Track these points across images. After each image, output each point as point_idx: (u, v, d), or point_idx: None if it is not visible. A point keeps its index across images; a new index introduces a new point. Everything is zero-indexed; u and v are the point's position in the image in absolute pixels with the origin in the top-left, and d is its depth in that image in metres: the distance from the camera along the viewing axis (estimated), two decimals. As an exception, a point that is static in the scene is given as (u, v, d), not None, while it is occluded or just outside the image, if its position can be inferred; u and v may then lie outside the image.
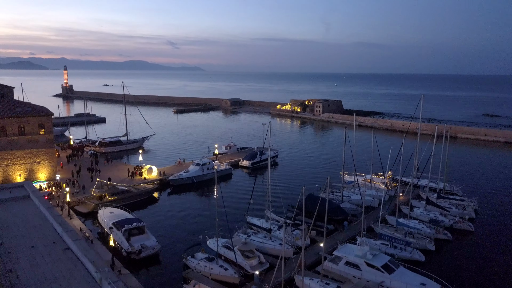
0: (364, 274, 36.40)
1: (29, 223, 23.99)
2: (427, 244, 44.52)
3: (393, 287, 34.71)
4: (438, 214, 53.35)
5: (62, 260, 19.76)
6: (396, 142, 62.40)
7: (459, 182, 67.76)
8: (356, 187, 62.35)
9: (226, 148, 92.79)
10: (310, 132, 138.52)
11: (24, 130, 61.81)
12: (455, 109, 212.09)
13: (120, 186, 60.55)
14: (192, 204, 60.95)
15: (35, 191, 30.01)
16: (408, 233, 46.36)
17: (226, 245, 41.24)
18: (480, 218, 54.81)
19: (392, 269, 36.19)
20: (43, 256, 19.98)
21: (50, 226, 23.93)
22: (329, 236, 46.75)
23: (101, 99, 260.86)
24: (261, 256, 40.95)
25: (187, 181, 69.30)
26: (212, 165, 72.54)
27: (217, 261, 39.09)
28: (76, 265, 19.33)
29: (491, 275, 39.70)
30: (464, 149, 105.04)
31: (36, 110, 64.62)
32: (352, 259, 37.57)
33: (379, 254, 38.03)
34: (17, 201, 28.64)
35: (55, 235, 22.65)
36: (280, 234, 45.66)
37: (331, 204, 52.20)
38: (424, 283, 34.64)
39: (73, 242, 20.77)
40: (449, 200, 57.82)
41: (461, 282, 37.42)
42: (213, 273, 37.78)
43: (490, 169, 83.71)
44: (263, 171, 74.99)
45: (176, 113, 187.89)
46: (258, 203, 56.67)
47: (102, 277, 17.22)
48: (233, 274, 37.22)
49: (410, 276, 35.78)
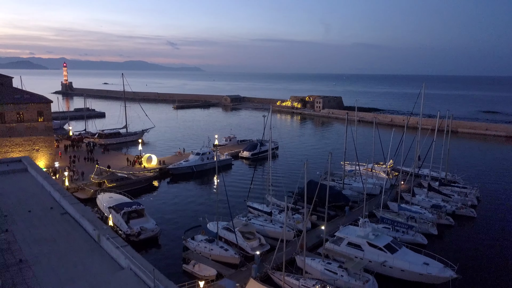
0: (366, 254, 35.93)
1: (26, 192, 23.51)
2: (429, 228, 44.07)
3: (395, 266, 34.26)
4: (440, 200, 52.87)
5: (60, 223, 19.27)
6: (397, 137, 62.15)
7: (461, 173, 67.30)
8: (358, 175, 61.96)
9: (226, 140, 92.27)
10: (311, 127, 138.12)
11: (23, 117, 61.31)
12: (456, 107, 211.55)
13: (120, 173, 60.06)
14: (192, 192, 60.49)
15: (33, 164, 29.54)
16: (410, 218, 45.91)
17: (227, 227, 40.80)
18: (482, 205, 54.37)
19: (394, 249, 35.73)
20: (40, 219, 19.51)
21: (48, 194, 23.45)
22: (330, 221, 46.27)
23: (100, 96, 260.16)
24: (262, 238, 40.51)
25: (187, 170, 68.79)
26: (212, 155, 72.04)
27: (217, 242, 38.60)
28: (74, 227, 18.84)
29: (494, 258, 39.25)
30: (465, 143, 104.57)
31: (35, 97, 64.17)
32: (354, 239, 37.11)
33: (381, 235, 37.59)
34: (15, 173, 28.15)
35: (52, 201, 22.17)
36: (281, 218, 45.19)
37: (332, 190, 51.76)
38: (427, 263, 34.21)
39: (71, 205, 20.28)
40: (451, 188, 57.38)
41: (464, 263, 36.94)
42: (213, 253, 37.31)
43: (492, 161, 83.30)
44: (263, 162, 74.54)
45: (176, 109, 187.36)
46: (258, 191, 56.30)
47: (100, 234, 16.72)
48: (233, 255, 36.75)
49: (413, 256, 35.35)
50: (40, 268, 15.02)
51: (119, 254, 15.74)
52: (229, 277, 33.74)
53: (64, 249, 16.99)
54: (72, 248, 17.15)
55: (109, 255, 16.62)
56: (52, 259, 15.80)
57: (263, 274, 34.15)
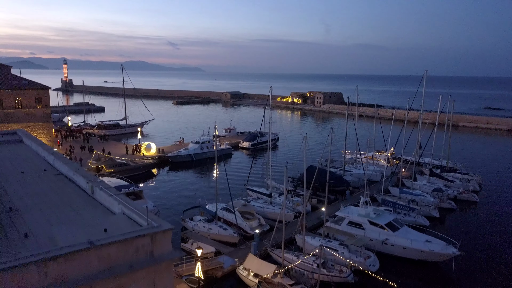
0: (367, 233, 35.37)
1: (20, 157, 22.98)
2: (431, 210, 43.48)
3: (397, 244, 33.70)
4: (442, 185, 52.30)
5: (53, 181, 18.76)
6: (398, 130, 61.74)
7: (462, 161, 66.73)
8: (359, 163, 61.41)
9: (226, 131, 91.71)
10: (311, 121, 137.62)
11: (21, 103, 60.82)
12: (456, 104, 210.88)
13: (118, 159, 59.56)
14: (191, 180, 59.98)
15: (28, 135, 29.03)
16: (412, 201, 45.37)
17: (226, 207, 40.29)
18: (485, 192, 53.81)
19: (396, 227, 35.19)
20: (33, 178, 19.00)
21: (42, 159, 22.94)
22: (331, 204, 45.75)
23: (100, 93, 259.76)
24: (261, 218, 40.01)
25: (186, 159, 68.24)
26: (211, 144, 71.49)
27: (216, 222, 38.09)
28: (67, 184, 18.33)
29: (497, 240, 38.70)
30: (466, 137, 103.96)
31: (33, 83, 63.71)
32: (355, 218, 36.57)
33: (383, 213, 37.07)
34: (9, 143, 27.61)
35: (46, 165, 21.64)
36: (280, 200, 44.63)
37: (333, 174, 51.25)
38: (429, 241, 33.63)
39: (64, 165, 19.75)
40: (453, 174, 56.83)
41: (467, 243, 36.36)
42: (212, 233, 36.79)
43: (493, 152, 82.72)
44: (263, 153, 73.97)
45: (176, 104, 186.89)
46: (258, 178, 55.74)
47: (94, 185, 16.20)
48: (232, 234, 36.23)
49: (415, 234, 34.81)
50: (30, 216, 14.52)
51: (112, 202, 15.27)
52: (228, 254, 33.23)
53: (56, 201, 16.49)
54: (65, 200, 16.66)
55: (102, 205, 16.15)
56: (43, 209, 15.31)
57: (263, 251, 33.63)
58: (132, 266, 11.66)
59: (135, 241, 11.68)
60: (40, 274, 10.28)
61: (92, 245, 10.85)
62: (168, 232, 12.55)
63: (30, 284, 10.19)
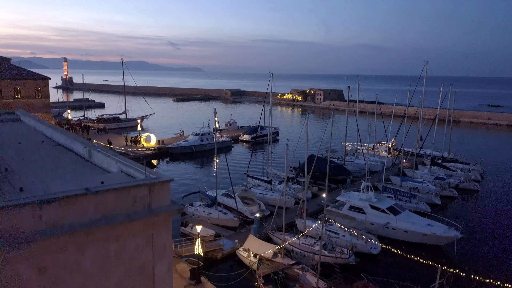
0: (368, 217, 35.06)
1: (17, 132, 22.73)
2: (432, 197, 43.17)
3: (399, 227, 33.39)
4: (444, 174, 51.98)
5: (51, 151, 18.47)
6: (398, 125, 61.48)
7: (463, 153, 66.41)
8: (359, 153, 61.11)
9: (226, 125, 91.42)
10: (311, 117, 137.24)
11: (20, 92, 60.56)
12: (457, 101, 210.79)
13: (118, 148, 59.28)
14: (191, 170, 59.72)
15: (27, 114, 28.76)
16: (413, 188, 45.06)
17: (226, 193, 39.99)
18: (486, 181, 53.51)
19: (397, 211, 34.90)
20: (30, 148, 18.69)
21: (40, 133, 22.66)
22: (332, 192, 45.45)
23: (101, 90, 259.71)
24: (262, 204, 39.74)
25: (186, 150, 67.95)
26: (211, 136, 71.22)
27: (216, 207, 37.81)
28: (65, 152, 18.02)
29: (500, 225, 38.41)
30: (467, 132, 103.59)
31: (33, 74, 63.48)
32: (356, 203, 36.29)
33: (384, 198, 36.78)
34: (7, 121, 27.36)
35: (44, 137, 21.36)
36: (281, 188, 44.27)
37: (334, 163, 50.94)
38: (431, 224, 33.33)
39: (62, 135, 19.47)
40: (454, 164, 56.52)
41: (469, 228, 36.06)
42: (212, 217, 36.53)
43: (494, 146, 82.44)
44: (263, 146, 73.68)
45: (176, 101, 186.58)
46: (258, 167, 55.50)
47: (91, 149, 15.90)
48: (232, 218, 35.95)
49: (417, 218, 34.51)
50: (27, 178, 14.20)
51: (110, 161, 15.00)
52: (228, 237, 32.93)
53: (53, 166, 16.18)
54: (62, 166, 16.33)
55: (100, 167, 15.86)
56: (40, 173, 15.00)
57: (263, 234, 33.33)
58: (129, 216, 11.38)
59: (132, 190, 11.40)
60: (34, 217, 10.01)
61: (88, 191, 10.57)
62: (167, 183, 12.27)
63: (25, 227, 9.92)
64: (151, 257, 12.08)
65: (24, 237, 9.56)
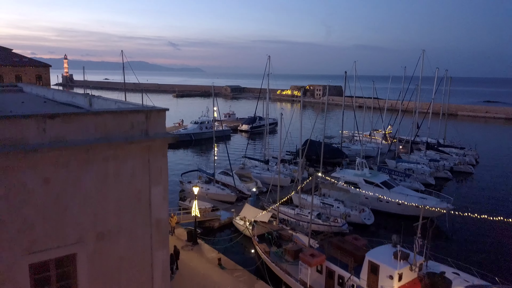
0: (363, 191, 35.78)
1: (20, 99, 23.60)
2: (426, 177, 43.93)
3: (392, 200, 34.13)
4: (439, 158, 52.71)
5: (53, 107, 19.22)
6: (394, 116, 62.12)
7: (459, 139, 67.07)
8: (356, 140, 61.90)
9: (225, 116, 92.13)
10: (310, 112, 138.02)
11: (21, 79, 61.25)
12: (456, 99, 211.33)
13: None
14: (190, 158, 60.43)
15: (29, 85, 29.56)
16: (408, 169, 45.79)
17: (224, 171, 40.78)
18: (481, 165, 54.25)
19: (391, 185, 35.71)
20: (33, 107, 19.52)
21: (42, 97, 23.45)
22: (328, 172, 46.14)
23: (101, 87, 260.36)
24: (259, 181, 40.48)
25: (185, 138, 68.65)
26: (210, 124, 71.97)
27: (214, 183, 38.58)
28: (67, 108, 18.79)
29: (491, 200, 39.21)
30: (465, 125, 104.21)
31: (34, 61, 64.26)
32: (351, 178, 37.09)
33: (378, 174, 37.55)
34: (9, 92, 28.18)
35: (46, 99, 22.16)
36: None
37: (330, 147, 51.71)
38: (425, 198, 34.11)
39: (63, 93, 20.25)
40: (449, 149, 57.25)
41: (460, 203, 36.80)
42: (210, 192, 37.28)
43: (491, 136, 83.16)
44: (262, 136, 74.40)
45: (176, 97, 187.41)
46: (255, 152, 56.23)
47: (91, 98, 16.67)
48: (230, 193, 36.72)
49: (410, 192, 35.27)
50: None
51: (109, 104, 15.71)
52: (225, 209, 33.69)
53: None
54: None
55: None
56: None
57: (259, 207, 34.04)
58: (127, 138, 12.12)
59: (130, 116, 12.11)
60: (39, 129, 10.74)
61: (88, 111, 11.34)
62: (162, 112, 12.98)
63: (30, 138, 10.66)
64: (148, 181, 12.79)
65: (30, 147, 10.31)
